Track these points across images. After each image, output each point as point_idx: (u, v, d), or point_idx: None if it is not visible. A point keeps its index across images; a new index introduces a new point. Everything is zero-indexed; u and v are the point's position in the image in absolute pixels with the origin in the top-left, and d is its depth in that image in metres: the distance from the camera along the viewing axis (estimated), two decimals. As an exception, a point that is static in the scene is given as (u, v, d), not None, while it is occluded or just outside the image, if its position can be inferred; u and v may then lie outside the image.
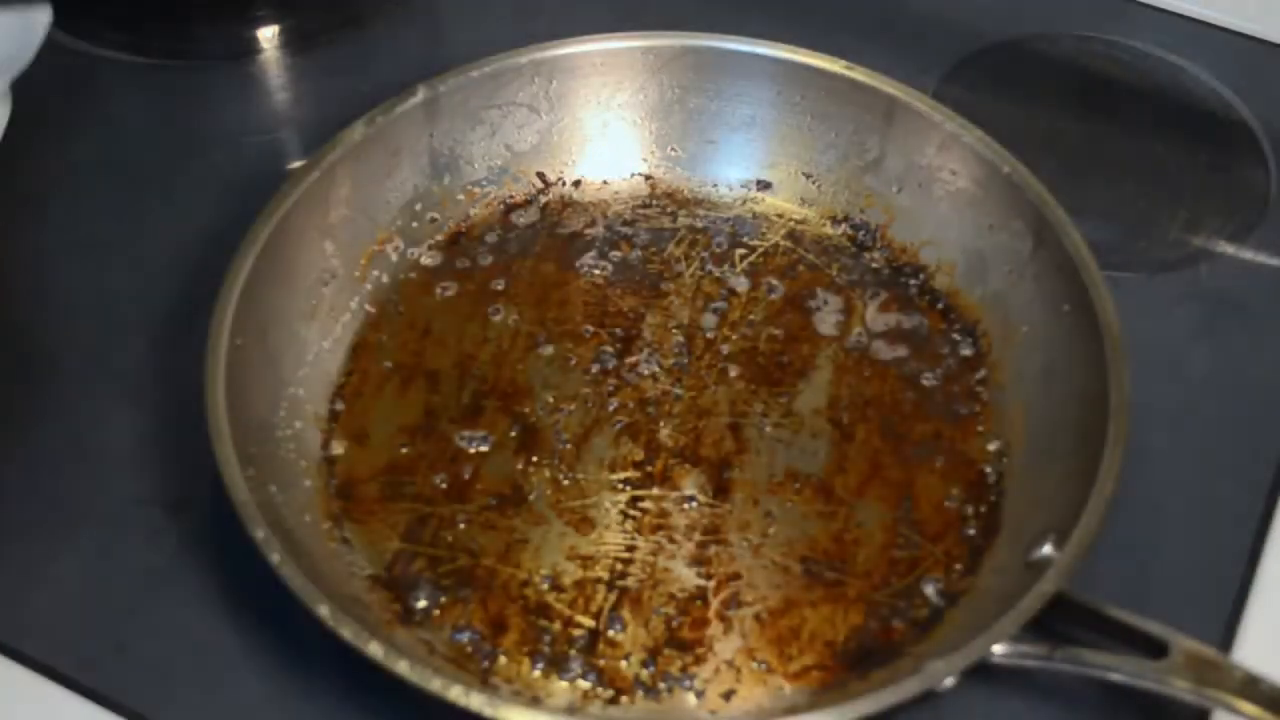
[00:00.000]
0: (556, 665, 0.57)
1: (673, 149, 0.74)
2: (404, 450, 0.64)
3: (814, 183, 0.73)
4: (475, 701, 0.51)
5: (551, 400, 0.65)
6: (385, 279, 0.69)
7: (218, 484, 0.56)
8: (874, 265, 0.71)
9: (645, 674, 0.57)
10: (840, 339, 0.68)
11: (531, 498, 0.62)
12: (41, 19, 0.72)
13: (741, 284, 0.70)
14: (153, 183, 0.75)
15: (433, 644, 0.57)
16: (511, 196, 0.73)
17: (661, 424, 0.65)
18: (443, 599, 0.59)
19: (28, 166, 0.72)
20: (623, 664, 0.57)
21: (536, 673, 0.57)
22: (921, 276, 0.70)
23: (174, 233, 0.72)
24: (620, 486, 0.63)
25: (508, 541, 0.61)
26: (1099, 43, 0.84)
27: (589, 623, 0.58)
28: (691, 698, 0.57)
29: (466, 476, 0.63)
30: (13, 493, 0.63)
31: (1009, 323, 0.67)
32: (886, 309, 0.69)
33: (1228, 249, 0.74)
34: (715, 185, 0.74)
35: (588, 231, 0.72)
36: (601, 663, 0.57)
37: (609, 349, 0.67)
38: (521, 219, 0.73)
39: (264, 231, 0.63)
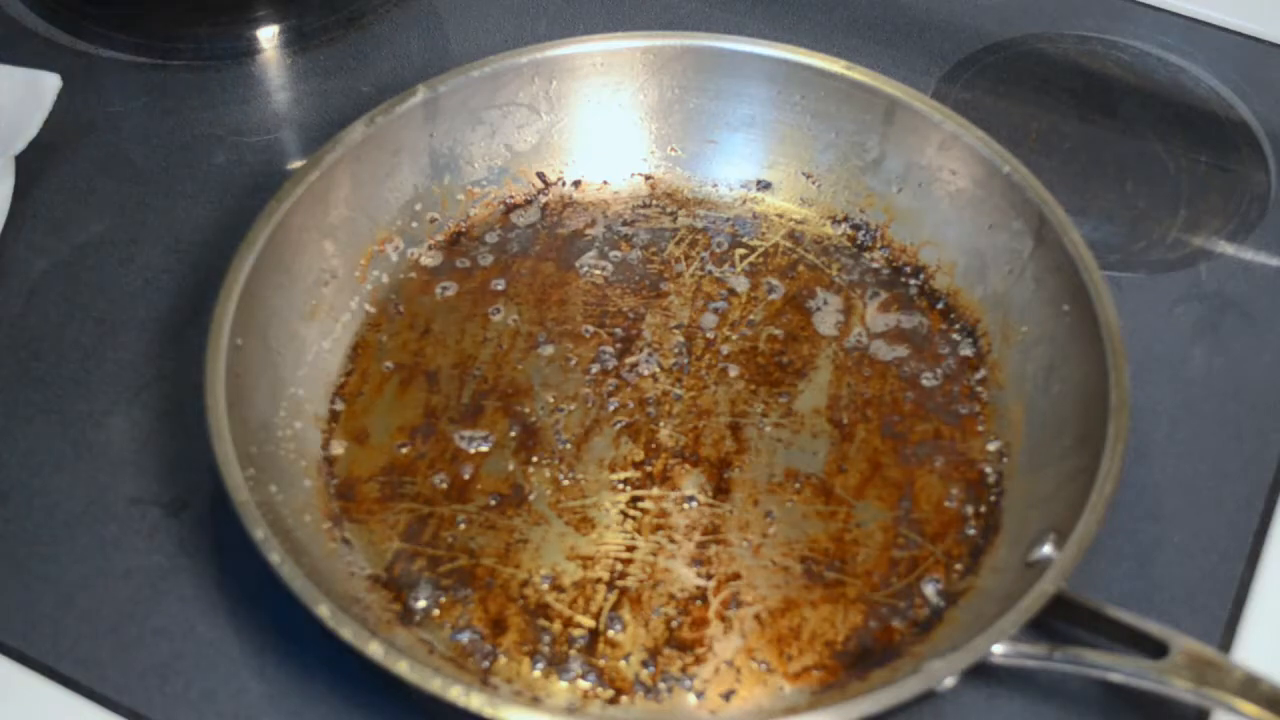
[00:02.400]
0: (556, 665, 0.57)
1: (673, 149, 0.74)
2: (404, 450, 0.64)
3: (814, 183, 0.73)
4: (475, 701, 0.51)
5: (551, 400, 0.65)
6: (385, 279, 0.69)
7: (218, 484, 0.56)
8: (874, 265, 0.71)
9: (645, 674, 0.57)
10: (840, 339, 0.68)
11: (531, 498, 0.62)
12: (50, 85, 0.72)
13: (741, 284, 0.70)
14: (153, 183, 0.75)
15: (433, 644, 0.57)
16: (511, 196, 0.73)
17: (661, 424, 0.65)
18: (443, 599, 0.59)
19: (28, 166, 0.72)
20: (623, 664, 0.57)
21: (536, 673, 0.57)
22: (921, 276, 0.70)
23: (174, 233, 0.72)
24: (620, 486, 0.63)
25: (508, 541, 0.61)
26: (1099, 43, 0.84)
27: (589, 623, 0.58)
28: (691, 698, 0.57)
29: (466, 476, 0.63)
30: (13, 493, 0.63)
31: (1009, 323, 0.67)
32: (886, 309, 0.69)
33: (1228, 249, 0.74)
34: (715, 185, 0.74)
35: (588, 231, 0.72)
36: (601, 663, 0.57)
37: (609, 349, 0.67)
38: (521, 219, 0.73)
39: (264, 231, 0.63)
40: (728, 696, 0.57)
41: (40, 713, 0.57)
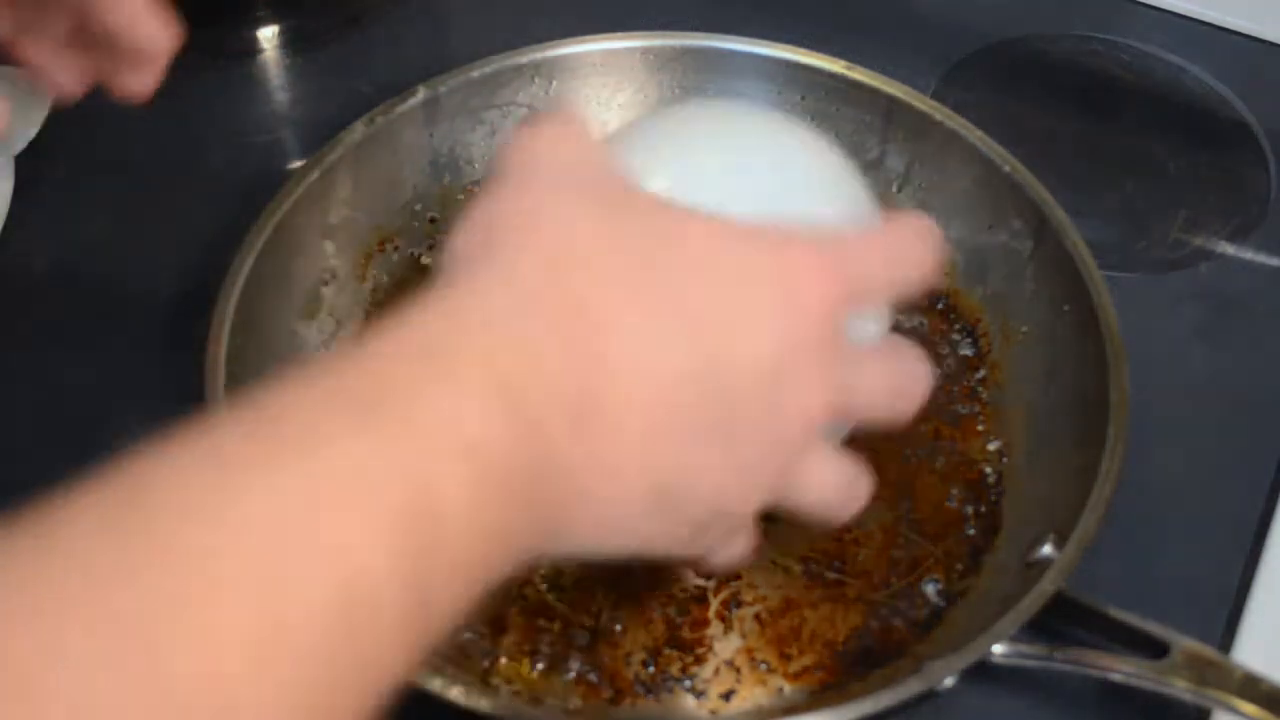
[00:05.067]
0: (556, 665, 0.57)
1: (673, 149, 0.74)
2: (404, 450, 0.63)
3: (814, 183, 0.73)
4: (475, 701, 0.51)
5: (551, 400, 0.65)
6: (385, 279, 0.69)
7: (218, 484, 0.56)
8: (874, 265, 0.71)
9: (645, 674, 0.57)
10: (840, 339, 0.68)
11: (531, 498, 0.62)
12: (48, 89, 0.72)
13: (741, 284, 0.70)
14: (153, 183, 0.75)
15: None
16: (511, 196, 0.73)
17: (661, 424, 0.65)
18: (443, 599, 0.59)
19: (28, 167, 0.72)
20: (623, 664, 0.57)
21: (536, 673, 0.57)
22: (921, 276, 0.70)
23: (174, 233, 0.72)
24: (620, 486, 0.62)
25: (508, 541, 0.61)
26: (1099, 43, 0.84)
27: (589, 623, 0.58)
28: (691, 698, 0.57)
29: (466, 476, 0.63)
30: (12, 494, 0.63)
31: (1009, 323, 0.67)
32: (886, 309, 0.69)
33: (1228, 249, 0.74)
34: (715, 185, 0.74)
35: (588, 231, 0.72)
36: (602, 662, 0.57)
37: (609, 349, 0.67)
38: (521, 219, 0.72)
39: (264, 231, 0.63)
40: (728, 696, 0.57)
41: (40, 713, 0.57)
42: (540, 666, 0.57)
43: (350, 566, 0.32)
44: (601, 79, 0.72)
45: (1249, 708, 0.51)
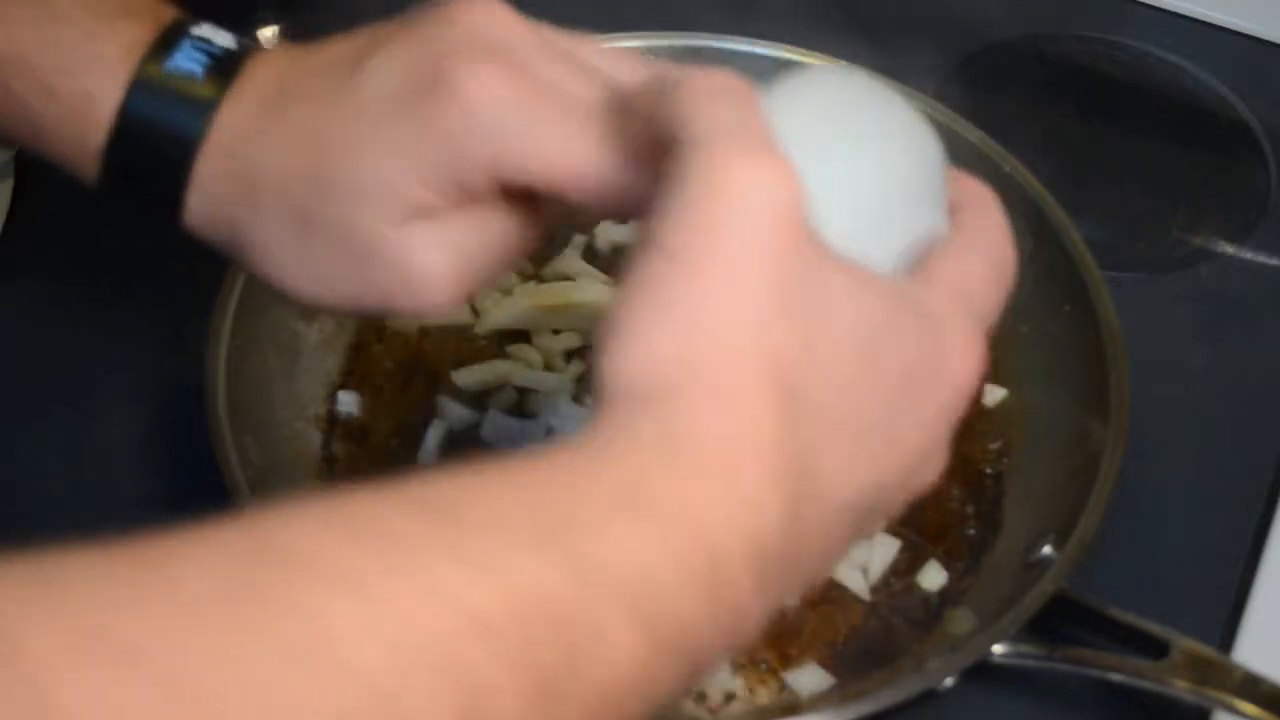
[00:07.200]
0: (556, 665, 0.57)
1: (673, 149, 0.74)
2: (404, 450, 0.63)
3: (814, 183, 0.73)
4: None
5: (551, 400, 0.65)
6: (385, 279, 0.69)
7: (218, 484, 0.56)
8: (874, 265, 0.71)
9: (645, 674, 0.57)
10: (840, 339, 0.68)
11: (531, 498, 0.62)
12: None
13: (741, 284, 0.70)
14: (153, 183, 0.75)
15: (433, 644, 0.57)
16: (511, 196, 0.73)
17: (661, 424, 0.64)
18: (443, 599, 0.59)
19: (28, 166, 0.72)
20: (623, 664, 0.57)
21: (536, 673, 0.57)
22: (921, 276, 0.70)
23: (174, 232, 0.72)
24: (620, 486, 0.62)
25: (508, 541, 0.61)
26: (1099, 43, 0.84)
27: (589, 623, 0.58)
28: (691, 698, 0.57)
29: (466, 476, 0.63)
30: (13, 493, 0.63)
31: (1009, 323, 0.67)
32: (886, 309, 0.69)
33: (1228, 249, 0.74)
34: (715, 185, 0.73)
35: (588, 230, 0.72)
36: (601, 663, 0.57)
37: (609, 349, 0.67)
38: (521, 219, 0.72)
39: (264, 231, 0.63)
40: (728, 697, 0.57)
41: (40, 713, 0.57)
42: (540, 666, 0.57)
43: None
44: (601, 79, 0.72)
45: (1248, 708, 0.51)
